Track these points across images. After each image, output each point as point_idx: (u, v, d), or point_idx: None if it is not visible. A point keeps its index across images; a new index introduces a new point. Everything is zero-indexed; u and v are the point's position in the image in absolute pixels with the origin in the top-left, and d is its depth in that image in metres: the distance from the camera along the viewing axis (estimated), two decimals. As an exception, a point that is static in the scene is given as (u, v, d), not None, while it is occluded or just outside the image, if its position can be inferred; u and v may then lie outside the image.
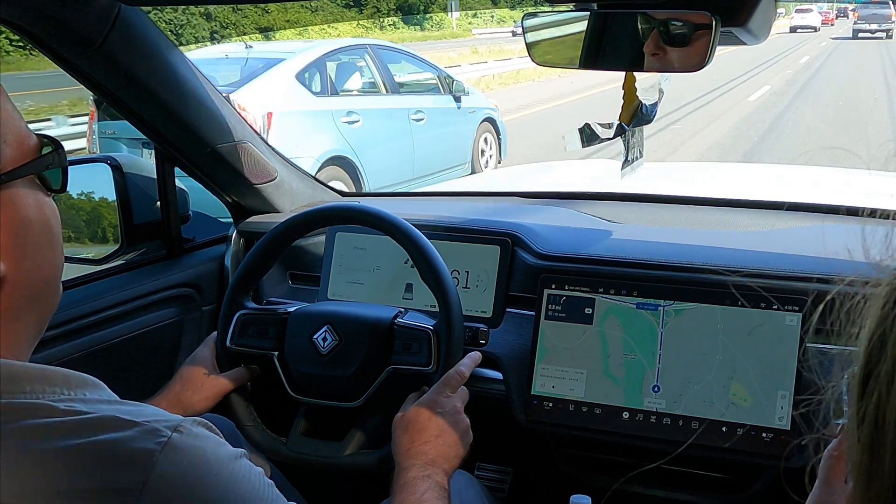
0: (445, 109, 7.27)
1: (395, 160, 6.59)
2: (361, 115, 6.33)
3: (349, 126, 6.20)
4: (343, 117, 6.19)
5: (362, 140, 6.20)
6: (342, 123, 6.16)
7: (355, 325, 1.28)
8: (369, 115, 6.41)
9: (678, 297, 1.31)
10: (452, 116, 7.36)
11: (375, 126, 6.44)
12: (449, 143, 7.25)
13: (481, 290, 1.50)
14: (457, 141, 7.38)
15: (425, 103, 7.11)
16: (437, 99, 7.28)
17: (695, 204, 1.86)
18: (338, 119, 6.14)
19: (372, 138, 6.32)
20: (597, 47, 1.12)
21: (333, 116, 6.13)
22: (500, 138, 8.00)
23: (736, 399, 1.25)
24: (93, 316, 1.47)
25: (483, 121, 7.73)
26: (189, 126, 1.47)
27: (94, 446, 0.65)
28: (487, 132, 7.82)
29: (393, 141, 6.64)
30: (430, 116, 7.00)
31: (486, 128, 7.80)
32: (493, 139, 7.92)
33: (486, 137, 7.81)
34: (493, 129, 7.91)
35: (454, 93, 7.39)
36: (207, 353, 1.32)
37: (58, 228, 0.76)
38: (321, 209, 1.38)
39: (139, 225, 1.58)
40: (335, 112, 6.16)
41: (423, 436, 1.11)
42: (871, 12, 30.97)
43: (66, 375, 0.70)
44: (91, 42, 1.24)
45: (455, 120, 7.40)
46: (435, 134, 7.01)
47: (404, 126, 6.79)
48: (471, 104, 7.59)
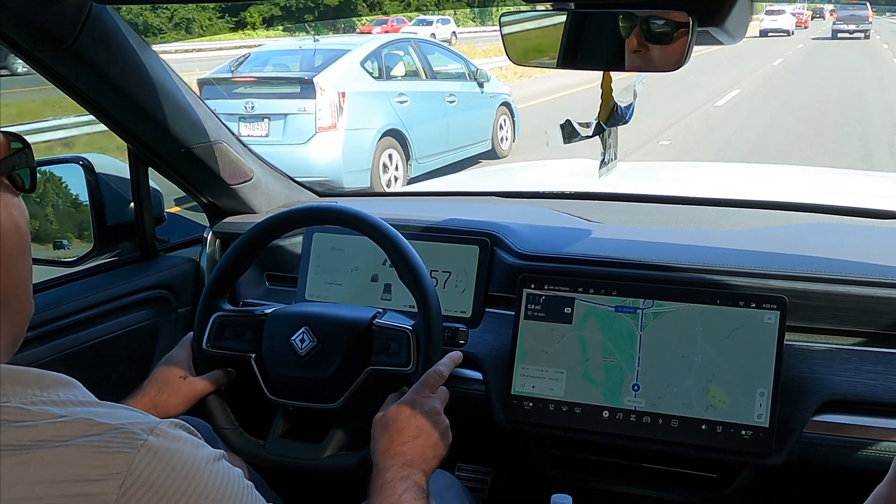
0: (471, 94, 8.48)
1: (435, 134, 7.82)
2: (409, 97, 7.53)
3: (400, 105, 7.41)
4: (395, 98, 7.38)
5: (410, 116, 7.43)
6: (395, 103, 7.36)
7: (333, 326, 1.27)
8: (415, 97, 7.62)
9: (658, 296, 1.31)
10: (477, 100, 8.57)
11: (420, 106, 7.65)
12: (474, 122, 8.49)
13: (460, 290, 1.50)
14: (481, 121, 8.61)
15: (456, 88, 8.33)
16: (464, 85, 8.47)
17: (674, 203, 1.88)
18: (391, 99, 7.34)
19: (417, 115, 7.54)
20: (575, 47, 1.12)
21: (388, 97, 7.33)
22: (514, 120, 9.19)
23: (715, 401, 1.26)
24: (66, 318, 1.45)
25: (500, 105, 8.96)
26: (163, 126, 1.45)
27: (68, 451, 0.64)
28: (504, 115, 9.04)
29: (433, 118, 7.87)
30: (461, 99, 8.25)
31: (503, 111, 9.02)
32: (508, 121, 9.13)
33: (504, 119, 9.04)
34: (508, 112, 9.11)
35: (478, 80, 8.56)
36: (183, 355, 1.30)
37: (27, 230, 0.75)
38: (298, 210, 1.37)
39: (112, 226, 1.56)
40: (389, 93, 7.37)
41: (402, 436, 1.10)
42: (849, 13, 30.95)
43: (40, 375, 0.69)
44: (62, 41, 1.22)
45: (479, 103, 8.61)
46: (464, 114, 8.25)
47: (441, 106, 8.02)
48: (491, 90, 8.78)
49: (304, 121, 6.55)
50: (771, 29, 32.02)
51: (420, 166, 7.46)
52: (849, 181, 2.86)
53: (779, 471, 1.29)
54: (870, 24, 30.51)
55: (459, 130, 8.18)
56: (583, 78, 13.75)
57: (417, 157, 7.46)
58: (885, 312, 1.27)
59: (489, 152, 8.68)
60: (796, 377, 1.27)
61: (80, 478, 0.63)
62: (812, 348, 1.30)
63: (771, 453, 1.23)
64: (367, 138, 6.90)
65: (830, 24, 32.91)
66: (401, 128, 7.31)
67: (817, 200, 1.85)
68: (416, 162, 7.44)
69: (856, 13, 30.72)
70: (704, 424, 1.26)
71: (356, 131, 6.80)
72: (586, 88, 13.87)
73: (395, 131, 7.24)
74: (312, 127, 6.53)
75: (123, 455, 0.65)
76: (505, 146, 8.98)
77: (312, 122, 6.54)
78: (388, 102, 7.31)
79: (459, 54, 9.14)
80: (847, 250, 1.39)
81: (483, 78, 8.65)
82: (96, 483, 0.63)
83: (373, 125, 7.01)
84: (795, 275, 1.32)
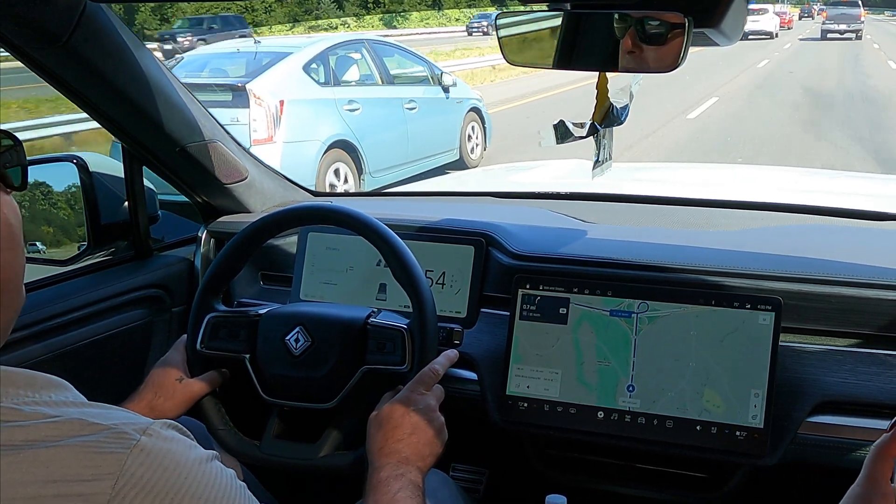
0: (435, 99, 7.90)
1: (392, 144, 7.18)
2: (361, 104, 6.89)
3: (350, 113, 6.76)
4: (345, 105, 6.75)
5: (362, 126, 6.78)
6: (344, 111, 6.72)
7: (328, 326, 1.27)
8: (368, 104, 6.98)
9: (653, 297, 1.32)
10: (441, 106, 7.99)
11: (373, 113, 7.02)
12: (439, 129, 7.89)
13: (455, 290, 1.50)
14: (446, 128, 8.04)
15: (417, 93, 7.70)
16: (427, 90, 7.87)
17: (669, 204, 1.88)
18: (340, 107, 6.70)
19: (371, 124, 6.90)
20: (570, 47, 1.12)
21: (336, 104, 6.68)
22: (485, 127, 8.67)
23: (709, 406, 1.26)
24: (60, 317, 1.44)
25: (469, 110, 8.41)
26: (158, 125, 1.45)
27: (61, 451, 0.63)
28: (473, 121, 8.51)
29: (389, 127, 7.23)
30: (422, 105, 7.61)
31: (473, 117, 8.48)
32: (478, 127, 8.60)
33: (473, 126, 8.50)
34: (478, 119, 8.58)
35: (443, 84, 7.98)
36: (178, 358, 1.30)
37: (18, 228, 0.74)
38: (293, 209, 1.36)
39: (106, 225, 1.55)
40: (338, 100, 6.72)
41: (397, 433, 1.10)
42: (839, 12, 29.49)
43: (31, 376, 0.69)
44: (56, 39, 1.22)
45: (444, 109, 8.03)
46: (426, 121, 7.63)
47: (399, 114, 7.37)
48: (458, 95, 8.21)
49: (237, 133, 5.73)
50: (751, 31, 28.00)
51: (375, 180, 6.81)
52: (842, 183, 2.87)
53: (773, 471, 1.30)
54: (862, 24, 29.21)
55: (421, 140, 7.51)
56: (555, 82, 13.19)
57: (371, 170, 6.83)
58: (880, 314, 1.27)
59: (457, 162, 8.07)
60: (791, 378, 1.27)
61: (73, 478, 0.63)
62: (806, 349, 1.30)
63: (765, 454, 1.23)
64: (310, 152, 6.23)
65: (819, 24, 31.11)
66: (351, 139, 6.64)
67: (811, 202, 1.86)
68: (371, 176, 6.80)
69: (846, 12, 29.35)
70: (699, 425, 1.26)
71: (297, 144, 6.14)
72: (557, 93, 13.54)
73: (344, 143, 6.56)
74: (246, 139, 5.72)
75: (116, 455, 0.64)
76: (475, 155, 8.40)
77: (246, 135, 5.83)
78: (336, 111, 6.64)
79: (422, 57, 8.39)
80: (841, 252, 1.39)
81: (448, 82, 8.04)
82: (89, 483, 0.63)
83: (317, 137, 6.35)
84: (790, 276, 1.32)
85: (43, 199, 1.65)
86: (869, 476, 0.79)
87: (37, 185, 1.60)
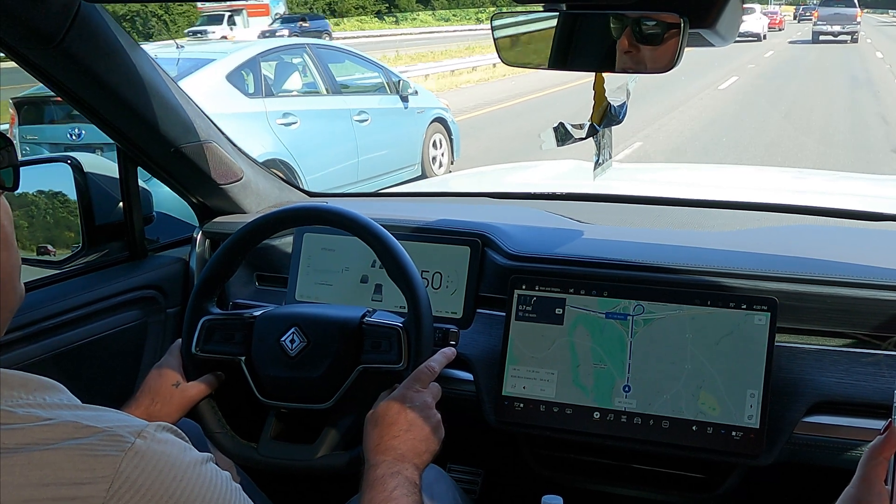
0: (391, 110, 7.10)
1: (337, 162, 6.42)
2: (299, 117, 6.15)
3: (285, 128, 6.03)
4: (279, 119, 6.03)
5: (300, 142, 6.03)
6: (277, 125, 5.98)
7: (323, 326, 1.27)
8: (308, 117, 6.24)
9: (648, 298, 1.32)
10: (399, 117, 7.18)
11: (314, 127, 6.27)
12: (396, 144, 7.08)
13: (451, 290, 1.50)
14: (405, 142, 7.21)
15: (370, 104, 6.94)
16: (382, 99, 7.09)
17: (665, 204, 1.88)
18: (272, 121, 5.97)
19: (311, 140, 6.15)
20: (566, 48, 1.12)
21: (268, 118, 5.95)
22: (451, 138, 7.87)
23: (705, 408, 1.26)
24: (55, 318, 1.44)
25: (433, 121, 7.59)
26: (152, 125, 1.44)
27: (55, 454, 0.63)
28: (438, 132, 7.68)
29: (334, 143, 6.46)
30: (375, 117, 6.83)
31: (437, 128, 7.65)
32: (444, 139, 7.77)
33: (437, 138, 7.67)
34: (444, 130, 7.75)
35: (401, 93, 7.21)
36: (174, 363, 1.29)
37: (10, 228, 0.74)
38: (288, 210, 1.36)
39: (101, 226, 1.55)
40: (270, 114, 5.99)
41: (393, 430, 1.09)
42: (832, 12, 27.18)
43: (25, 379, 0.68)
44: (50, 39, 1.22)
45: (402, 121, 7.22)
46: (380, 135, 6.85)
47: (346, 127, 6.59)
48: (419, 104, 7.44)
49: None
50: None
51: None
52: (838, 183, 2.88)
53: (769, 472, 1.30)
54: (858, 25, 27.19)
55: (375, 156, 6.72)
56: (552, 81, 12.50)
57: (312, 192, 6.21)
58: (875, 314, 1.28)
59: (418, 178, 7.17)
60: (786, 378, 1.27)
61: (68, 481, 0.63)
62: (802, 350, 1.30)
63: (761, 454, 1.23)
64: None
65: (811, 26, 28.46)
66: (285, 157, 5.84)
67: (807, 202, 1.86)
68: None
69: (841, 11, 27.00)
70: (695, 426, 1.26)
71: (217, 164, 5.53)
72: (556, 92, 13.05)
73: (276, 162, 5.73)
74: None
75: (111, 458, 0.64)
76: (439, 169, 7.56)
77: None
78: (267, 125, 5.87)
79: (376, 62, 7.51)
80: (837, 252, 1.39)
81: (407, 90, 7.21)
82: (83, 486, 0.63)
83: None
84: (786, 276, 1.32)
85: (37, 200, 1.64)
86: (863, 477, 0.80)
87: (31, 185, 1.60)
